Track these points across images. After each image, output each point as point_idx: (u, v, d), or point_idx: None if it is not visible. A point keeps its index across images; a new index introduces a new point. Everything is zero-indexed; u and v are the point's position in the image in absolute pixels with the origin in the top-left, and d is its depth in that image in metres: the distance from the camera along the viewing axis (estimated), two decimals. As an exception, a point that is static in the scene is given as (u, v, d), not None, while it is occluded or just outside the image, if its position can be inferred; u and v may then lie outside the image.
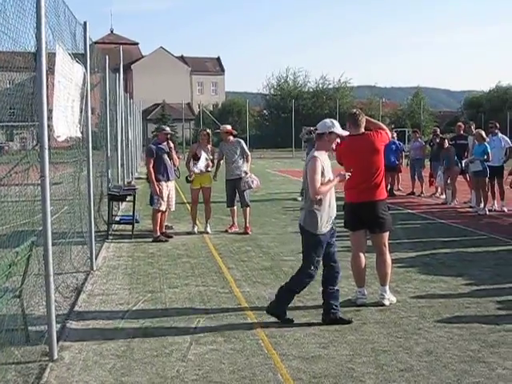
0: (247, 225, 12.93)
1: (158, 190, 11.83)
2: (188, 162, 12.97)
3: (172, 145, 12.48)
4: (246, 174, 12.81)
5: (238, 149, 12.86)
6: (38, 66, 5.59)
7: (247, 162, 12.94)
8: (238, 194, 12.91)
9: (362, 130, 7.53)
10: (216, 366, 5.56)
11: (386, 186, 7.83)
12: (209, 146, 13.00)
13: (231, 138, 13.00)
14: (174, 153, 12.38)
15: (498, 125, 16.17)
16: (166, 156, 12.06)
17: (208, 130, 13.44)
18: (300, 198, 17.91)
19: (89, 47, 9.35)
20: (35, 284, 6.75)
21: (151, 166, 11.89)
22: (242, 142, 13.15)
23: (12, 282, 5.92)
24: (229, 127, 13.35)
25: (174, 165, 12.38)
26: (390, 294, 7.53)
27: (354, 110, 7.87)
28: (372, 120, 7.97)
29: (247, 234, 12.71)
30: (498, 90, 75.78)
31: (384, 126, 7.82)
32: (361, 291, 7.53)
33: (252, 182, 12.84)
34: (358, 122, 7.51)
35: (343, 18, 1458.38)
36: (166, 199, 12.02)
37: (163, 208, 12.04)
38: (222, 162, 13.12)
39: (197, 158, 12.73)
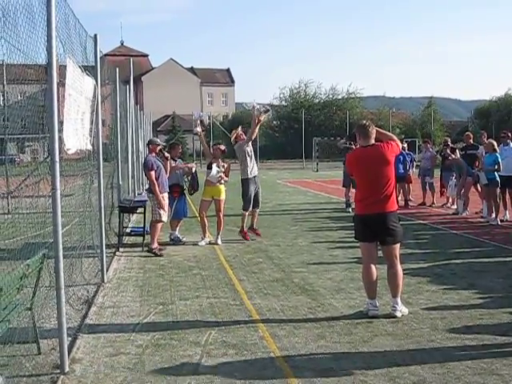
0: (255, 226, 13.47)
1: (163, 202, 11.87)
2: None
3: (167, 155, 12.66)
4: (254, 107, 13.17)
5: (249, 146, 13.17)
6: (49, 79, 5.62)
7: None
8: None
9: (372, 141, 7.50)
10: (227, 378, 5.54)
11: (396, 197, 7.76)
12: (220, 161, 13.00)
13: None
14: (168, 164, 12.51)
15: (510, 134, 16.06)
16: (162, 168, 12.12)
17: (223, 147, 13.41)
18: (350, 209, 17.65)
19: (99, 60, 9.38)
20: (46, 296, 6.76)
21: (154, 177, 11.81)
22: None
23: (23, 294, 5.94)
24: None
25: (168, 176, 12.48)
26: (402, 306, 7.48)
27: (364, 121, 7.84)
28: (382, 131, 7.94)
29: (259, 235, 13.35)
30: (506, 99, 75.21)
31: (395, 137, 7.78)
32: (372, 303, 7.47)
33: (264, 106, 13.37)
34: (368, 133, 7.49)
35: (352, 29, 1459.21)
36: (166, 210, 12.10)
37: (165, 219, 12.05)
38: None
39: (210, 167, 12.83)
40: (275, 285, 9.11)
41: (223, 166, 12.92)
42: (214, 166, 12.78)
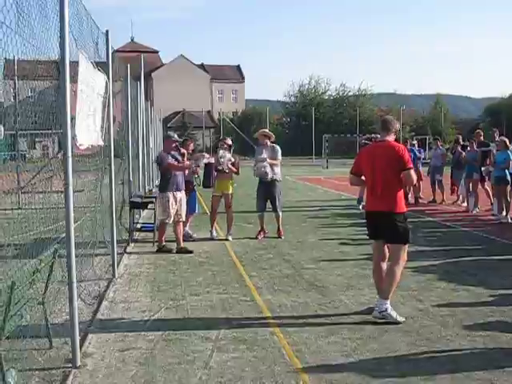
0: (280, 228, 13.35)
1: (187, 164, 11.93)
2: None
3: (184, 151, 12.34)
4: (265, 162, 12.95)
5: (268, 152, 13.08)
6: (62, 75, 5.64)
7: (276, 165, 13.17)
8: (270, 202, 13.22)
9: (389, 138, 7.38)
10: (238, 373, 5.56)
11: (405, 195, 7.69)
12: (229, 154, 13.00)
13: (268, 141, 13.29)
14: (185, 160, 12.12)
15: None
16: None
17: (228, 140, 13.38)
18: (361, 207, 17.30)
19: (111, 56, 9.40)
20: (58, 291, 6.80)
21: (171, 164, 11.60)
22: (278, 147, 13.37)
23: (35, 289, 5.97)
24: (266, 130, 13.93)
25: (184, 173, 12.12)
26: (392, 310, 7.12)
27: (389, 116, 7.77)
28: None
29: (280, 237, 13.15)
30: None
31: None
32: (382, 300, 7.44)
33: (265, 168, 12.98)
34: (387, 127, 7.40)
35: (364, 27, 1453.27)
36: (173, 212, 11.62)
37: (169, 221, 11.67)
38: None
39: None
40: (285, 281, 9.13)
41: (231, 159, 12.91)
42: (227, 154, 12.87)
